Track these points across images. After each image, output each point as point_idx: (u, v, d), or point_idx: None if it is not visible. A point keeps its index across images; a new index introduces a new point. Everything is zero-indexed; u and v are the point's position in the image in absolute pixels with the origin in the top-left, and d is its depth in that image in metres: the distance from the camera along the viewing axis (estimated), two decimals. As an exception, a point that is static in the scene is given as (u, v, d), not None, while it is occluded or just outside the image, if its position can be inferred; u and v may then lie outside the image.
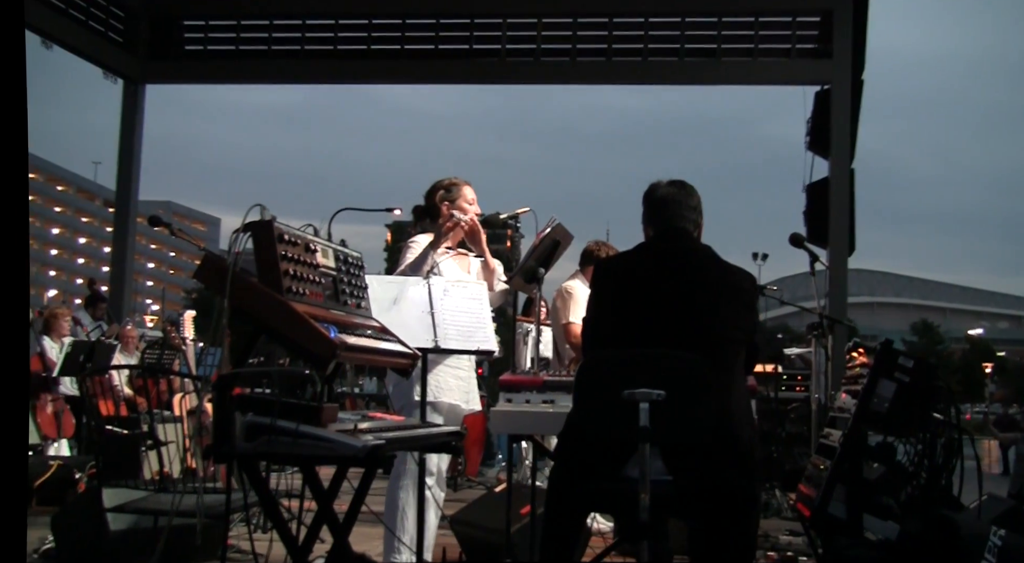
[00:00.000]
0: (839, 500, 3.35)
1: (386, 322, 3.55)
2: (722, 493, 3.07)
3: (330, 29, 8.96)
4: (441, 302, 4.06)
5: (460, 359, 4.40)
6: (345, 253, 3.39)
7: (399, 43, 8.88)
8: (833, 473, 3.38)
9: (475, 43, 8.84)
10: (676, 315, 3.24)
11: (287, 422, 2.75)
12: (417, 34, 8.88)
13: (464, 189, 4.55)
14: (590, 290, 3.51)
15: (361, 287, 3.42)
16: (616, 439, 3.10)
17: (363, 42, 8.96)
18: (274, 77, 9.48)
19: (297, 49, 8.96)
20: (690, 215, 3.48)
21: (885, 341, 3.60)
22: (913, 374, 3.43)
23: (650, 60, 8.64)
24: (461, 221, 4.37)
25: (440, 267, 4.32)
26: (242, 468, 2.97)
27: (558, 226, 4.34)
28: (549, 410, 3.70)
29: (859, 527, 3.31)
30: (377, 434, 2.92)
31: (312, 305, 3.06)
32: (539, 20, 8.72)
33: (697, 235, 3.52)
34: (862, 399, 3.44)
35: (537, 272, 4.34)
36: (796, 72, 8.54)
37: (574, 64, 8.74)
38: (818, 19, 8.49)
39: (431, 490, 4.23)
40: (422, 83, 10.24)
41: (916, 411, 3.44)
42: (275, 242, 2.98)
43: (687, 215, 3.47)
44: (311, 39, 8.98)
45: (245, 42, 9.10)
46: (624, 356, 3.17)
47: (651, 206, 3.53)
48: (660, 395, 2.98)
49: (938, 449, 3.53)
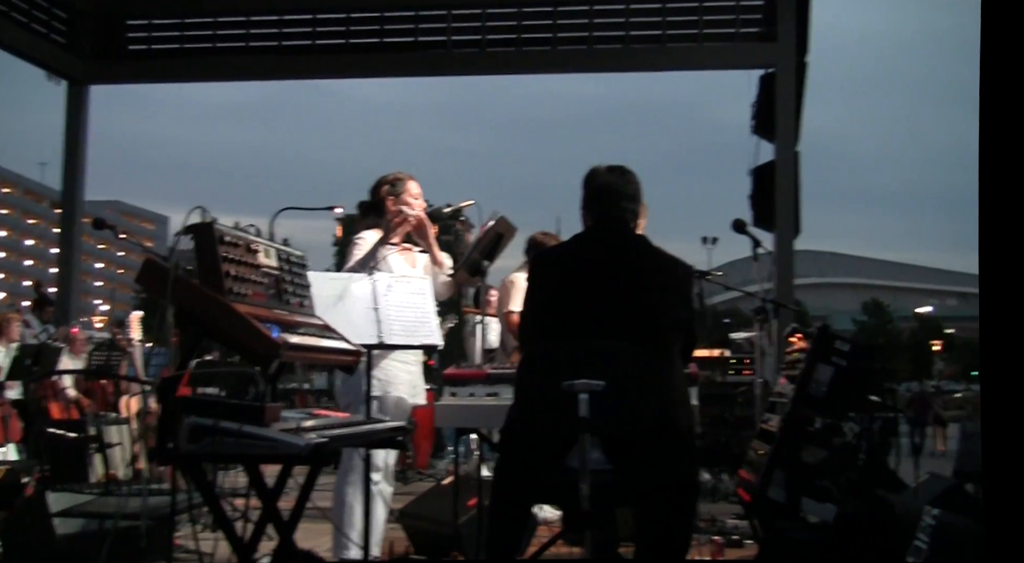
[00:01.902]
0: (778, 484, 3.43)
1: (331, 319, 3.57)
2: (662, 480, 3.14)
3: (274, 25, 8.93)
4: (385, 298, 4.09)
5: (408, 352, 4.43)
6: (288, 252, 3.40)
7: (344, 37, 8.87)
8: (772, 458, 3.47)
9: (420, 35, 8.83)
10: (612, 305, 3.29)
11: (230, 423, 2.77)
12: (362, 27, 8.87)
13: (409, 184, 4.56)
14: (528, 283, 3.55)
15: (304, 285, 3.44)
16: (557, 430, 3.16)
17: (308, 37, 8.93)
18: (219, 74, 9.42)
19: (242, 46, 8.92)
20: (628, 205, 3.52)
21: (822, 326, 3.69)
22: (850, 357, 3.52)
23: (595, 47, 8.68)
24: (409, 216, 4.39)
25: (386, 262, 4.35)
26: (186, 469, 2.98)
27: (501, 219, 4.38)
28: (493, 403, 3.74)
29: (798, 510, 3.40)
30: (321, 432, 2.95)
31: (254, 305, 3.07)
32: (484, 11, 8.74)
33: (634, 224, 3.57)
34: (800, 384, 3.52)
35: (481, 265, 4.38)
36: (740, 56, 8.61)
37: (520, 53, 8.77)
38: (761, 3, 8.58)
39: (378, 485, 4.26)
40: (368, 76, 10.19)
41: (854, 394, 3.53)
42: (216, 244, 2.99)
43: (625, 205, 3.51)
44: (255, 35, 8.93)
45: (190, 40, 9.03)
46: (563, 348, 3.22)
47: (590, 194, 3.56)
48: (599, 386, 3.04)
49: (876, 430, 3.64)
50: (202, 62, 9.04)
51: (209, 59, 8.99)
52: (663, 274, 3.41)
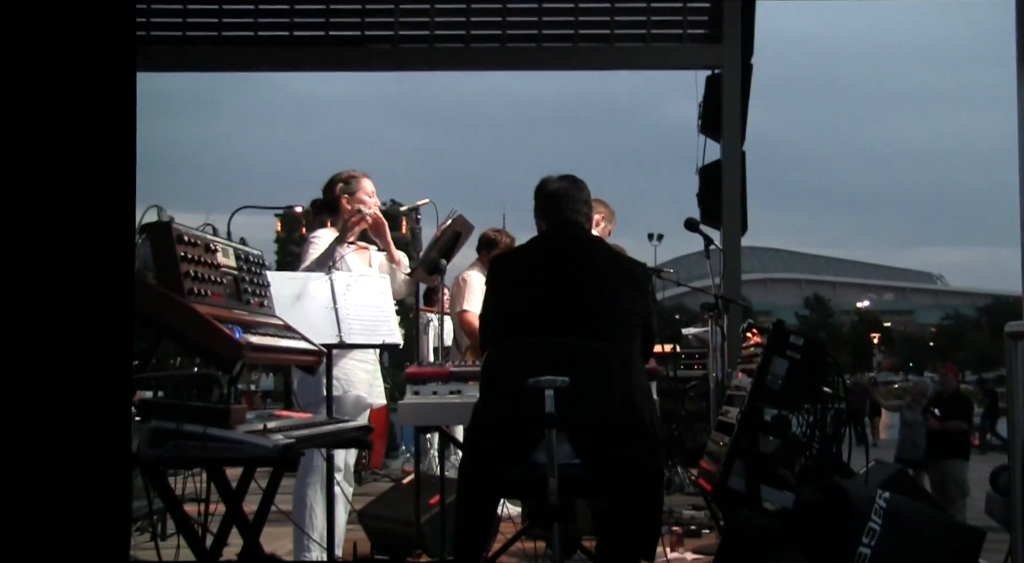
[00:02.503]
0: (738, 474, 3.53)
1: (289, 319, 3.57)
2: (629, 472, 3.21)
3: (214, 15, 8.75)
4: (344, 297, 4.09)
5: (366, 352, 4.43)
6: (246, 252, 3.39)
7: (288, 30, 8.75)
8: (732, 449, 3.56)
9: (367, 30, 8.77)
10: (573, 304, 3.36)
11: (194, 426, 2.75)
12: (307, 20, 8.76)
13: (363, 181, 4.56)
14: (486, 285, 3.60)
15: (263, 285, 3.43)
16: (524, 426, 3.20)
17: (250, 28, 8.78)
18: (153, 65, 9.19)
19: (179, 35, 8.72)
20: (582, 208, 3.62)
21: (777, 321, 3.80)
22: (804, 352, 3.64)
23: (544, 46, 8.73)
24: (366, 215, 4.39)
25: (344, 261, 4.34)
26: (148, 475, 2.95)
27: (459, 218, 4.40)
28: (456, 401, 3.76)
29: (758, 498, 3.50)
30: (287, 433, 2.95)
31: (214, 306, 3.05)
32: (432, 6, 8.70)
33: (588, 227, 3.66)
34: (757, 377, 3.63)
35: (439, 263, 4.40)
36: (687, 57, 8.71)
37: (467, 50, 8.76)
38: (708, 5, 8.69)
39: (339, 485, 4.26)
40: (312, 70, 10.08)
41: (807, 386, 3.66)
42: (174, 243, 2.97)
43: (579, 209, 3.61)
44: (193, 25, 8.75)
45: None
46: (528, 345, 3.27)
47: (543, 200, 3.65)
48: (564, 382, 3.09)
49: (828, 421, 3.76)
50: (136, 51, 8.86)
51: (143, 48, 8.76)
52: (621, 273, 3.51)
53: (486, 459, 3.32)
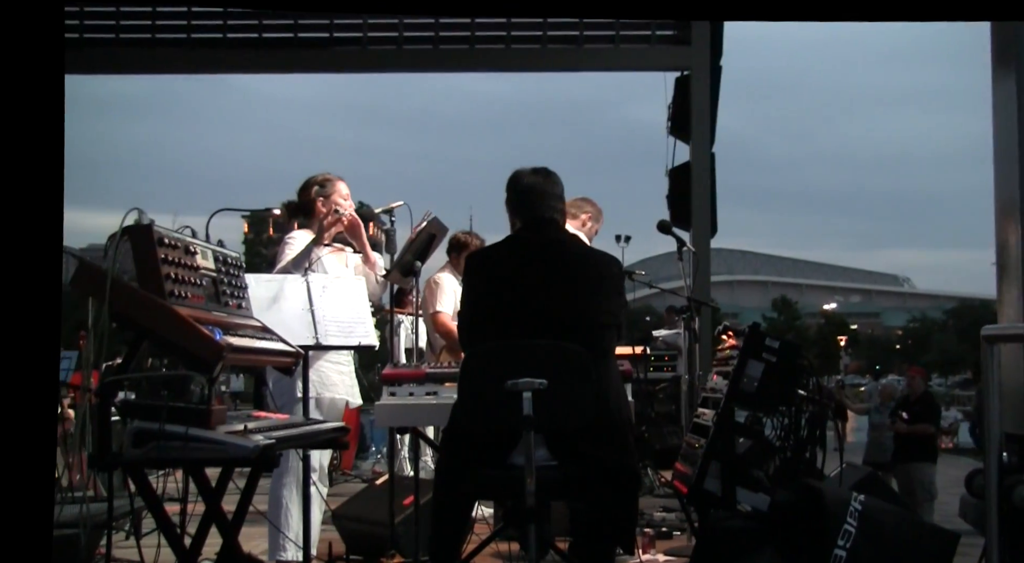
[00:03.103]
0: (713, 476, 3.60)
1: (266, 320, 3.62)
2: (605, 472, 3.29)
3: (183, 16, 8.74)
4: (320, 299, 4.15)
5: (340, 353, 4.49)
6: (224, 254, 3.44)
7: (256, 31, 8.76)
8: (708, 451, 3.64)
9: (335, 31, 8.79)
10: (549, 304, 3.40)
11: (176, 426, 2.80)
12: (275, 22, 8.78)
13: (338, 184, 4.63)
14: (462, 286, 3.64)
15: (241, 287, 3.48)
16: (501, 428, 3.27)
17: (219, 30, 8.79)
18: (121, 66, 9.18)
19: (147, 37, 8.71)
20: (556, 205, 3.63)
21: (753, 325, 3.89)
22: (779, 354, 3.72)
23: (513, 47, 8.79)
24: (343, 216, 4.45)
25: (321, 263, 4.40)
26: (130, 476, 2.99)
27: (433, 220, 4.47)
28: (432, 402, 3.82)
29: (733, 500, 3.58)
30: (267, 434, 3.00)
31: (194, 308, 3.10)
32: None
33: (562, 223, 3.69)
34: (733, 379, 3.71)
35: (414, 265, 4.47)
36: (656, 58, 8.80)
37: (436, 51, 8.81)
38: (676, 7, 8.79)
39: (315, 486, 4.32)
40: (280, 72, 10.07)
41: (782, 389, 3.74)
42: (155, 246, 3.01)
43: (553, 205, 3.62)
44: (162, 27, 8.74)
45: (90, 30, 8.78)
46: (506, 347, 3.32)
47: (517, 195, 3.65)
48: (542, 384, 3.16)
49: (803, 423, 3.85)
50: (103, 54, 8.80)
51: (111, 51, 8.75)
52: (596, 270, 3.55)
53: (463, 461, 3.38)
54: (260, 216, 10.75)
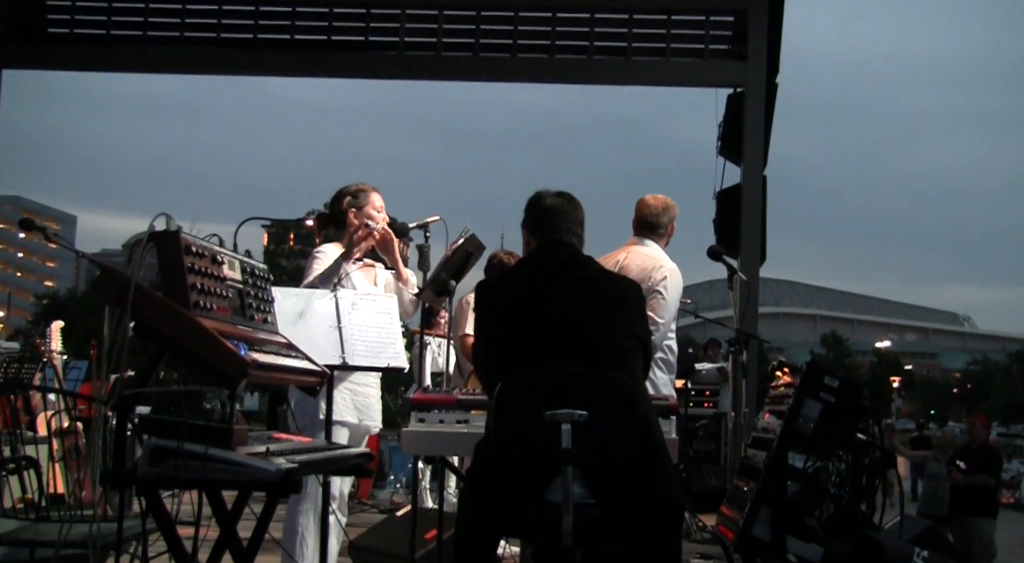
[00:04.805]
0: (763, 522, 3.55)
1: (291, 337, 3.62)
2: (650, 508, 3.24)
3: (213, 15, 8.85)
4: (349, 316, 4.15)
5: (368, 375, 4.49)
6: (252, 265, 3.44)
7: (289, 33, 8.84)
8: (758, 495, 3.59)
9: (371, 35, 8.85)
10: (570, 329, 3.39)
11: (195, 445, 2.80)
12: (309, 23, 8.85)
13: (372, 195, 4.64)
14: (475, 314, 3.63)
15: (267, 301, 3.48)
16: (537, 462, 3.24)
17: (249, 30, 8.87)
18: (149, 66, 9.30)
19: (176, 35, 8.82)
20: (576, 229, 3.66)
21: (811, 361, 3.84)
22: (838, 394, 3.67)
23: (557, 57, 8.79)
24: (375, 230, 4.46)
25: (350, 279, 4.40)
26: (144, 495, 2.99)
27: (472, 237, 4.47)
28: (464, 430, 3.81)
29: (783, 549, 3.53)
30: (289, 457, 3.00)
31: (219, 320, 3.10)
32: (440, 12, 8.77)
33: (580, 248, 3.68)
34: (788, 420, 3.66)
35: (449, 284, 4.46)
36: (709, 74, 8.78)
37: (476, 59, 8.81)
38: (732, 19, 8.76)
39: (334, 514, 4.31)
40: (314, 76, 10.19)
41: (841, 432, 3.68)
42: (182, 254, 3.02)
43: (573, 229, 3.65)
44: (191, 26, 8.85)
45: (117, 26, 8.90)
46: (543, 376, 3.30)
47: (537, 215, 3.68)
48: (583, 416, 3.13)
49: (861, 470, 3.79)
50: (131, 51, 8.93)
51: (139, 48, 8.88)
52: (616, 293, 3.55)
53: (493, 494, 3.35)
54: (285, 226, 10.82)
